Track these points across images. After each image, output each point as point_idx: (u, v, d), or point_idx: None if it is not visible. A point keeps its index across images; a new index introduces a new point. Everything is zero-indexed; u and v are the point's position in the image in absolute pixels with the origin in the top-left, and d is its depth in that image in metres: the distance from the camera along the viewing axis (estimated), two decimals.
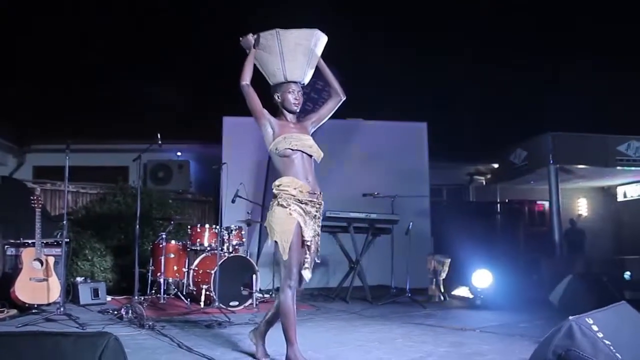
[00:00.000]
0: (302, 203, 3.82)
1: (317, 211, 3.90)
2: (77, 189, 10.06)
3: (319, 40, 4.07)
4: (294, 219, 3.78)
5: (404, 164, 10.61)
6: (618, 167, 12.70)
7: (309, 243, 3.83)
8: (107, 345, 2.30)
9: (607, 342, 3.29)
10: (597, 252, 14.39)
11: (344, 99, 4.17)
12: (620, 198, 15.42)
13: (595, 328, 3.35)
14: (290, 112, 4.05)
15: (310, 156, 3.96)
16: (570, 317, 3.38)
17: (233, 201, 7.74)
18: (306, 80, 4.15)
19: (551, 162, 12.14)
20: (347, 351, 4.60)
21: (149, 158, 11.54)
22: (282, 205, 3.80)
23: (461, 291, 8.68)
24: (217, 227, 7.52)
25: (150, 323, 5.39)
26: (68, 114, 12.37)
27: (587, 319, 3.40)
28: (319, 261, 3.95)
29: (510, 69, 13.77)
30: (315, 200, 3.88)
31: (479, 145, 13.56)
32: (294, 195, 3.81)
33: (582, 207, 15.96)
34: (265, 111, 3.98)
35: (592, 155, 12.50)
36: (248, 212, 8.56)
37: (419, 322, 6.37)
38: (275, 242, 3.78)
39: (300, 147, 3.89)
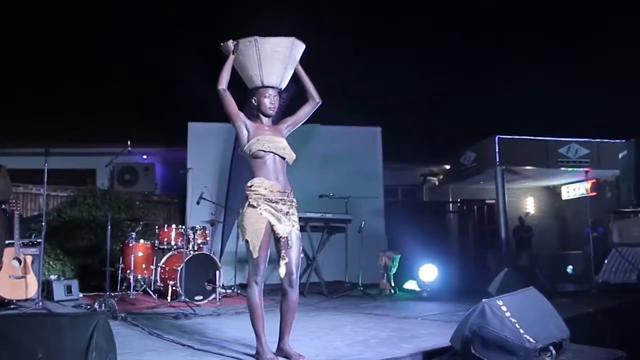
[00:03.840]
0: (272, 202, 3.97)
1: (289, 208, 4.05)
2: (48, 191, 10.38)
3: (296, 47, 4.21)
4: (264, 218, 3.93)
5: (359, 167, 11.22)
6: (561, 168, 13.58)
7: (284, 239, 3.99)
8: (98, 323, 2.82)
9: (513, 320, 3.93)
10: (543, 247, 15.14)
11: (319, 102, 4.31)
12: (564, 196, 16.27)
13: (504, 308, 3.99)
14: (266, 115, 4.19)
15: (283, 158, 4.12)
16: (483, 300, 4.04)
17: (198, 203, 8.28)
18: (283, 85, 4.33)
19: (498, 163, 12.91)
20: (301, 336, 5.08)
21: (115, 161, 11.88)
22: (252, 206, 3.94)
23: (410, 285, 9.34)
24: (183, 227, 8.10)
25: (123, 315, 5.90)
26: (35, 117, 12.63)
27: (497, 301, 4.05)
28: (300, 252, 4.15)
29: (461, 75, 14.54)
30: (286, 198, 4.04)
31: (432, 147, 14.25)
32: (264, 195, 3.95)
33: (530, 205, 16.75)
34: (241, 114, 4.14)
35: (535, 157, 13.32)
36: (212, 213, 9.13)
37: (368, 312, 6.92)
38: (247, 240, 3.94)
39: (273, 148, 4.05)
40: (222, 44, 4.22)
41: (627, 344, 4.65)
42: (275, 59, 4.15)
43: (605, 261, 4.96)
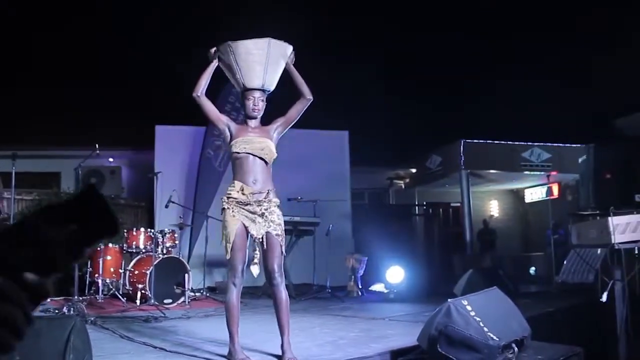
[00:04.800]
0: (245, 204, 4.03)
1: (265, 209, 4.06)
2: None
3: (275, 47, 4.20)
4: (236, 220, 4.01)
5: (326, 170, 11.35)
6: (525, 172, 13.88)
7: (259, 240, 4.06)
8: (74, 325, 2.88)
9: (477, 318, 4.08)
10: (507, 250, 15.41)
11: (311, 99, 4.31)
12: (527, 200, 16.61)
13: (468, 308, 4.15)
14: (250, 117, 4.23)
15: (262, 159, 4.15)
16: (449, 300, 4.18)
17: (166, 206, 8.30)
18: (270, 87, 4.28)
19: (462, 167, 13.15)
20: (272, 337, 5.13)
21: (81, 164, 11.83)
22: (225, 209, 4.06)
23: (377, 287, 9.48)
24: (152, 230, 8.11)
25: (92, 318, 5.91)
26: None
27: (462, 301, 4.20)
28: (283, 251, 4.20)
29: (428, 79, 14.79)
30: (262, 199, 4.06)
31: (398, 151, 14.46)
32: (236, 198, 4.03)
33: (494, 208, 17.09)
34: (222, 117, 4.27)
35: (499, 161, 13.60)
36: (180, 217, 9.15)
37: (337, 313, 7.05)
38: (222, 242, 4.08)
39: (250, 150, 4.08)
40: (209, 51, 4.29)
41: (584, 340, 4.85)
42: (251, 61, 4.18)
43: (565, 262, 5.17)
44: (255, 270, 4.16)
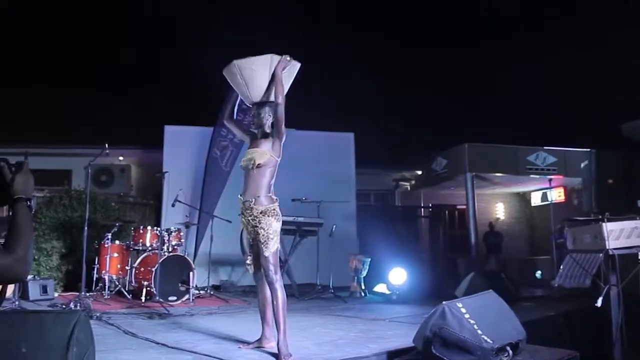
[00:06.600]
0: (241, 214, 4.45)
1: (249, 216, 4.36)
2: None
3: (275, 63, 4.43)
4: (242, 226, 4.52)
5: (331, 172, 11.42)
6: (531, 176, 13.90)
7: (251, 244, 4.46)
8: (78, 319, 2.98)
9: (472, 321, 4.17)
10: (513, 253, 15.41)
11: (277, 102, 4.43)
12: (534, 203, 16.62)
13: (463, 310, 4.23)
14: (253, 131, 4.61)
15: (251, 169, 4.40)
16: (444, 302, 4.28)
17: (173, 205, 8.42)
18: (258, 99, 4.51)
19: (467, 170, 13.19)
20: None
21: (91, 162, 11.97)
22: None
23: (380, 288, 9.57)
24: (158, 228, 8.24)
25: (98, 314, 6.05)
26: (13, 118, 12.64)
27: (457, 304, 4.29)
28: (267, 254, 4.30)
29: (434, 82, 14.85)
30: (248, 207, 4.36)
31: (404, 153, 14.50)
32: (240, 208, 4.47)
33: (500, 211, 17.09)
34: (240, 135, 4.78)
35: (504, 165, 13.60)
36: (186, 215, 9.27)
37: (338, 314, 7.13)
38: None
39: (242, 163, 4.48)
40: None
41: (583, 344, 4.91)
42: (257, 78, 4.44)
43: (561, 267, 5.23)
44: (250, 269, 4.58)
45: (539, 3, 15.09)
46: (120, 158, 13.33)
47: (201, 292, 8.65)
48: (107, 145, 7.00)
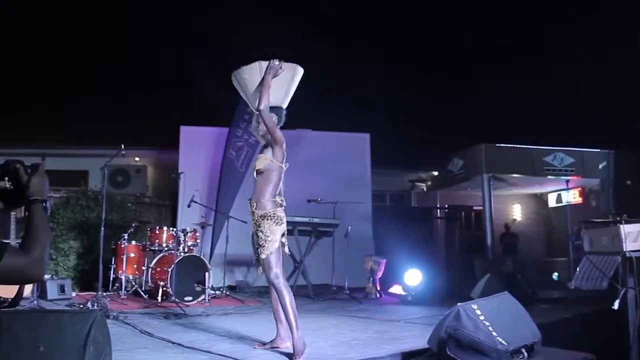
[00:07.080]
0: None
1: (252, 220, 4.54)
2: None
3: (298, 74, 4.66)
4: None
5: (347, 172, 11.41)
6: (548, 177, 13.81)
7: (257, 247, 4.53)
8: (95, 319, 3.02)
9: (487, 323, 4.15)
10: (529, 254, 15.34)
11: (258, 108, 4.47)
12: (551, 204, 16.52)
13: (478, 312, 4.22)
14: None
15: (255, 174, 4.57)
16: (459, 304, 4.26)
17: (189, 206, 8.46)
18: (253, 106, 4.60)
19: (484, 171, 13.15)
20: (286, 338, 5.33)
21: (107, 163, 12.07)
22: None
23: (396, 289, 9.54)
24: (174, 229, 8.30)
25: (115, 314, 6.10)
26: (30, 119, 12.78)
27: (472, 305, 4.27)
28: (263, 256, 4.42)
29: (451, 82, 14.79)
30: (251, 211, 4.54)
31: (420, 154, 14.48)
32: None
33: (517, 212, 17.00)
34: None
35: (521, 165, 13.55)
36: (202, 216, 9.32)
37: (353, 315, 7.12)
38: None
39: (252, 167, 4.66)
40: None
41: (600, 347, 4.86)
42: (249, 87, 4.58)
43: (577, 268, 5.19)
44: (258, 270, 4.64)
45: (558, 2, 14.94)
46: (137, 159, 13.42)
47: (217, 292, 8.68)
48: (123, 146, 7.05)
